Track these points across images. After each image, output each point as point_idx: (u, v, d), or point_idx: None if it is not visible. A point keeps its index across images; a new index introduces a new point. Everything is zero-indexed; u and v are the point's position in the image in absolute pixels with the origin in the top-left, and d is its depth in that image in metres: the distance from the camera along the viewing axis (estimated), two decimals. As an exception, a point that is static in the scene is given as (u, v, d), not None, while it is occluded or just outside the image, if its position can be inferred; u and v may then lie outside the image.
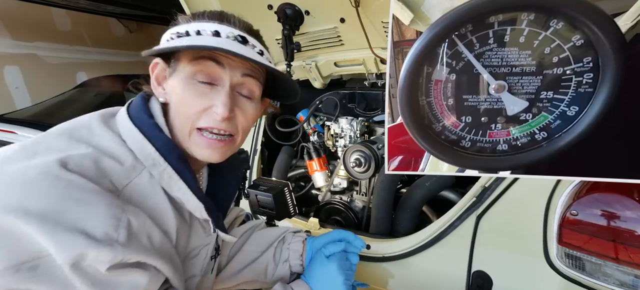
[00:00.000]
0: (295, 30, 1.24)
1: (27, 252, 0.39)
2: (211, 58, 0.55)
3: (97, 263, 0.42)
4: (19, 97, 3.79)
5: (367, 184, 1.37)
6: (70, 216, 0.41)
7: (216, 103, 0.55)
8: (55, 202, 0.41)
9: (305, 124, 1.62)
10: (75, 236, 0.40)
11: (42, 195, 0.41)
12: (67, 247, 0.39)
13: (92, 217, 0.42)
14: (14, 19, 3.72)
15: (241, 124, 0.60)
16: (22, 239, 0.39)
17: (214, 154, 0.58)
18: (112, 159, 0.49)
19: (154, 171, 0.52)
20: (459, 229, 0.97)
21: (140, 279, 0.47)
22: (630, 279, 0.73)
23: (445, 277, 0.99)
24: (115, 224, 0.43)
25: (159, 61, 0.58)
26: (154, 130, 0.53)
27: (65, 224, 0.40)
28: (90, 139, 0.50)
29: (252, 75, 0.59)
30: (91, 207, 0.42)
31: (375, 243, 1.13)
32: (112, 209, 0.44)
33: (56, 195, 0.41)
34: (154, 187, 0.52)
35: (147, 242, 0.49)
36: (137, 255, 0.46)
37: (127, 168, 0.50)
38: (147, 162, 0.52)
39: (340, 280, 0.73)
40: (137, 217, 0.47)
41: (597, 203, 0.76)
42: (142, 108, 0.56)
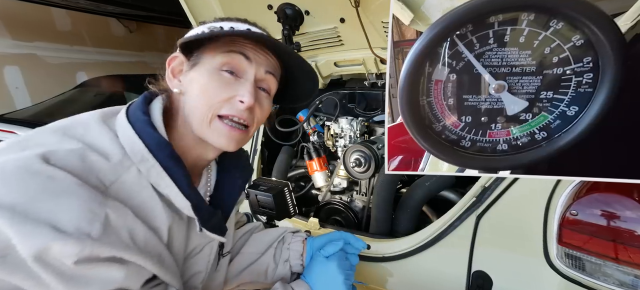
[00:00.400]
0: (295, 30, 1.24)
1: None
2: (241, 52, 0.59)
3: (62, 256, 0.41)
4: (19, 97, 3.79)
5: (367, 184, 1.37)
6: (41, 209, 0.41)
7: (241, 92, 0.59)
8: (29, 195, 0.41)
9: (305, 124, 1.62)
10: (41, 228, 0.40)
11: (16, 188, 0.41)
12: (31, 239, 0.39)
13: (66, 211, 0.42)
14: (14, 19, 3.72)
15: (257, 117, 0.64)
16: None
17: (230, 143, 0.60)
18: (99, 155, 0.49)
19: (142, 167, 0.53)
20: (459, 229, 0.97)
21: (116, 274, 0.47)
22: (630, 279, 0.73)
23: (445, 277, 0.99)
24: (90, 218, 0.43)
25: (179, 55, 0.62)
26: (146, 126, 0.54)
27: (34, 216, 0.40)
28: (83, 136, 0.51)
29: (273, 73, 0.65)
30: (67, 200, 0.43)
31: (375, 243, 1.13)
32: (89, 203, 0.44)
33: (30, 189, 0.41)
34: (141, 184, 0.52)
35: (128, 238, 0.49)
36: (113, 250, 0.45)
37: (115, 164, 0.50)
38: (136, 158, 0.52)
39: (340, 279, 0.73)
40: (118, 212, 0.47)
41: (597, 203, 0.76)
42: (140, 107, 0.58)
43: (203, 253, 0.68)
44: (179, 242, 0.61)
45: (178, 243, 0.61)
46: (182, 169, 0.56)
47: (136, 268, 0.50)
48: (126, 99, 3.40)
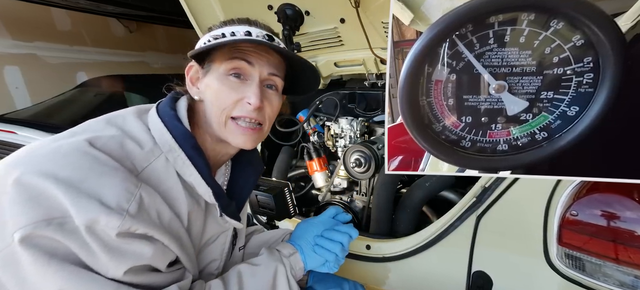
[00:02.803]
0: (295, 30, 1.24)
1: (57, 210, 0.46)
2: (243, 58, 0.64)
3: (107, 228, 0.47)
4: (19, 97, 3.79)
5: (367, 184, 1.37)
6: (90, 185, 0.47)
7: (248, 94, 0.63)
8: (81, 172, 0.48)
9: (305, 124, 1.62)
10: (92, 202, 0.46)
11: (70, 166, 0.48)
12: (84, 210, 0.46)
13: (109, 188, 0.49)
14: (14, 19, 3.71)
15: (268, 114, 0.68)
16: (51, 198, 0.46)
17: (247, 141, 0.66)
18: (135, 143, 0.57)
19: (170, 156, 0.59)
20: (459, 229, 0.97)
21: (146, 250, 0.52)
22: (630, 279, 0.73)
23: (445, 277, 0.99)
24: (128, 197, 0.50)
25: (194, 64, 0.67)
26: (173, 120, 0.61)
27: (85, 191, 0.47)
28: (122, 125, 0.59)
29: (277, 72, 0.68)
30: (110, 179, 0.49)
31: (375, 243, 1.13)
32: (127, 184, 0.51)
33: (82, 167, 0.48)
34: (168, 171, 0.59)
35: (156, 218, 0.54)
36: (145, 227, 0.51)
37: (147, 152, 0.57)
38: (165, 147, 0.59)
39: (319, 229, 0.78)
40: (149, 194, 0.53)
41: (597, 203, 0.76)
42: (169, 103, 0.65)
43: (218, 241, 0.73)
44: (197, 228, 0.66)
45: (196, 229, 0.65)
46: (203, 159, 0.62)
47: (162, 248, 0.55)
48: (126, 99, 3.40)
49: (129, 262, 0.50)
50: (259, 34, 0.64)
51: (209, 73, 0.65)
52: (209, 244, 0.71)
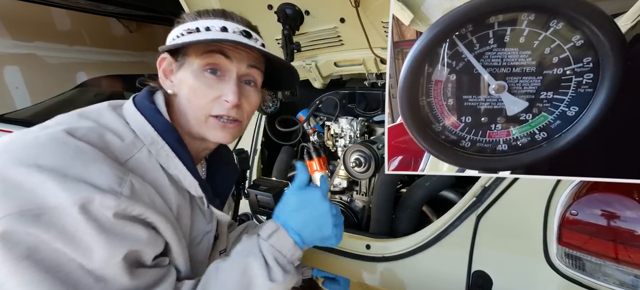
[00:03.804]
0: (295, 30, 1.24)
1: (32, 201, 0.42)
2: (220, 51, 0.60)
3: (103, 208, 0.45)
4: (19, 97, 3.79)
5: (367, 184, 1.37)
6: (77, 171, 0.45)
7: (226, 92, 0.60)
8: (64, 160, 0.45)
9: (305, 124, 1.62)
10: (82, 184, 0.44)
11: (52, 154, 0.45)
12: (75, 191, 0.43)
13: (97, 174, 0.46)
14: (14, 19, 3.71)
15: (246, 111, 0.66)
16: (28, 189, 0.42)
17: (226, 136, 0.63)
18: (114, 135, 0.54)
19: (152, 148, 0.57)
20: (459, 229, 0.97)
21: (142, 234, 0.50)
22: (630, 279, 0.73)
23: (445, 277, 0.99)
24: (119, 181, 0.48)
25: (167, 56, 0.63)
26: (154, 113, 0.59)
27: (73, 176, 0.44)
28: (98, 119, 0.56)
29: (256, 66, 0.65)
30: (97, 166, 0.47)
31: (375, 243, 1.13)
32: (115, 171, 0.48)
33: (65, 155, 0.46)
34: (152, 163, 0.56)
35: (149, 201, 0.52)
36: (141, 208, 0.49)
37: (128, 144, 0.54)
38: (147, 140, 0.56)
39: (318, 204, 0.65)
40: (139, 181, 0.51)
41: (597, 203, 0.76)
42: (146, 97, 0.62)
43: (203, 243, 0.70)
44: (185, 222, 0.64)
45: (185, 223, 0.63)
46: (187, 152, 0.60)
47: (154, 234, 0.53)
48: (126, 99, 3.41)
49: (126, 245, 0.47)
50: (236, 30, 0.60)
51: (184, 67, 0.61)
52: (196, 245, 0.68)
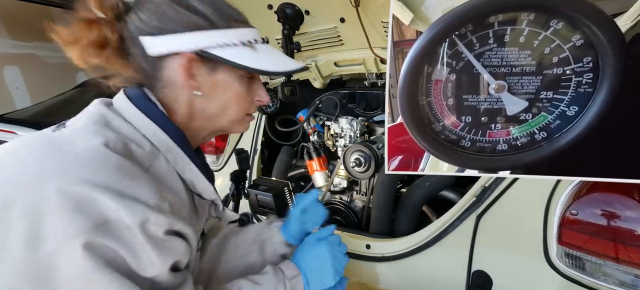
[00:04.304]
0: (295, 30, 1.24)
1: (101, 216, 0.44)
2: None
3: (157, 226, 0.48)
4: (19, 97, 3.78)
5: (367, 183, 1.37)
6: (126, 187, 0.47)
7: (261, 94, 0.67)
8: (114, 177, 0.46)
9: (305, 124, 1.62)
10: (137, 202, 0.46)
11: (102, 172, 0.46)
12: (134, 210, 0.45)
13: (142, 189, 0.48)
14: (14, 19, 3.71)
15: None
16: (95, 205, 0.44)
17: (247, 126, 0.70)
18: (135, 144, 0.54)
19: (169, 156, 0.58)
20: (459, 228, 0.97)
21: (181, 246, 0.54)
22: (630, 279, 0.73)
23: (445, 277, 0.99)
24: (160, 197, 0.50)
25: (194, 57, 0.59)
26: (164, 119, 0.59)
27: (126, 193, 0.46)
28: (118, 128, 0.55)
29: None
30: (139, 181, 0.48)
31: (375, 243, 1.13)
32: (153, 185, 0.50)
33: (111, 171, 0.47)
34: (170, 170, 0.58)
35: (181, 214, 0.55)
36: (179, 223, 0.52)
37: (148, 152, 0.55)
38: (162, 147, 0.57)
39: (328, 259, 0.74)
40: (171, 194, 0.54)
41: (597, 203, 0.76)
42: (147, 99, 0.60)
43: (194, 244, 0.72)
44: (195, 226, 0.66)
45: (195, 227, 0.66)
46: (197, 157, 0.62)
47: (187, 245, 0.56)
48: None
49: (172, 258, 0.51)
50: (258, 39, 0.64)
51: (220, 71, 0.60)
52: (198, 250, 0.71)
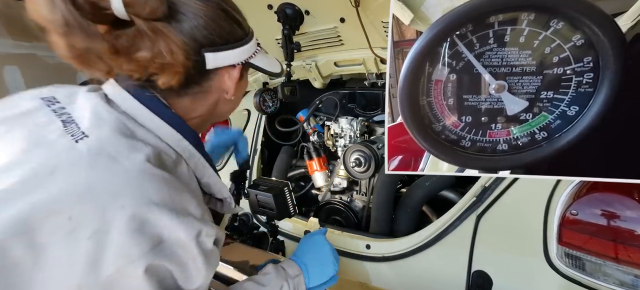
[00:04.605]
0: (295, 30, 1.24)
1: (159, 236, 0.45)
2: None
3: (207, 238, 0.50)
4: (19, 97, 3.79)
5: (367, 183, 1.37)
6: (176, 201, 0.48)
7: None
8: (164, 193, 0.47)
9: (305, 124, 1.62)
10: (190, 217, 0.48)
11: (152, 189, 0.46)
12: (189, 225, 0.47)
13: (188, 202, 0.50)
14: (14, 19, 3.72)
15: None
16: (153, 226, 0.45)
17: None
18: (165, 154, 0.55)
19: (191, 162, 0.59)
20: (459, 228, 0.97)
21: (218, 255, 0.56)
22: (630, 279, 0.73)
23: (445, 277, 0.99)
24: (202, 208, 0.52)
25: (242, 68, 0.63)
26: (182, 125, 0.59)
27: (179, 209, 0.47)
28: (143, 138, 0.52)
29: None
30: (183, 194, 0.50)
31: (375, 243, 1.13)
32: (194, 198, 0.51)
33: (162, 187, 0.47)
34: (190, 175, 0.59)
35: (212, 221, 0.57)
36: (217, 230, 0.54)
37: (174, 161, 0.56)
38: (185, 153, 0.58)
39: (328, 250, 0.81)
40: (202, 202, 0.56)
41: (597, 203, 0.76)
42: (162, 104, 0.57)
43: None
44: None
45: None
46: (210, 160, 0.63)
47: (218, 252, 0.58)
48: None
49: (214, 267, 0.54)
50: None
51: (244, 75, 0.66)
52: None
